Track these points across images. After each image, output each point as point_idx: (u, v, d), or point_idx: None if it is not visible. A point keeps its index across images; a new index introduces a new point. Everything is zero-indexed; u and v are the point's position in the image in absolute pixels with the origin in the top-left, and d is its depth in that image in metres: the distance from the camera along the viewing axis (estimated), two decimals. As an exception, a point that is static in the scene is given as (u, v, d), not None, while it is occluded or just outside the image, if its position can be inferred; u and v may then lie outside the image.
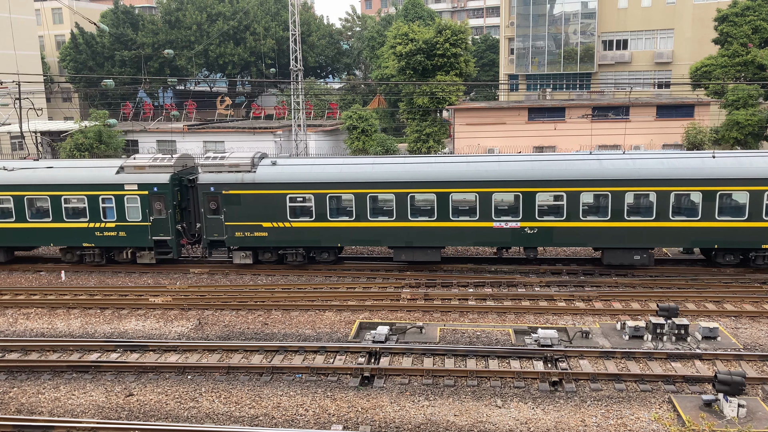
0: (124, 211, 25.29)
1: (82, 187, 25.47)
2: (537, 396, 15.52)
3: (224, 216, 24.75)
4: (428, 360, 17.28)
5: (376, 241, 24.73)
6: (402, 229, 24.11)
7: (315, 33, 77.00)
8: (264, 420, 14.82)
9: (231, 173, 24.81)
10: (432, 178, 23.82)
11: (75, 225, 25.65)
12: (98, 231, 25.57)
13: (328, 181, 24.30)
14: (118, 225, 25.41)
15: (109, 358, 17.96)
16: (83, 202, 25.48)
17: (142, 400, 15.82)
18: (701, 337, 18.31)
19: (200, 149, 49.05)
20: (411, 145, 49.61)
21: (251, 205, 24.59)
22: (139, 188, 25.10)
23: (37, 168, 26.26)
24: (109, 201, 25.34)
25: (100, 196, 25.33)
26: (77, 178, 25.67)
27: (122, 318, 21.47)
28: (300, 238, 24.75)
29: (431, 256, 24.48)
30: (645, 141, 44.02)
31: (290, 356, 17.86)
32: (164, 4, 73.89)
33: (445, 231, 23.91)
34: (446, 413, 14.86)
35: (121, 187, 25.23)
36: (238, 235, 24.89)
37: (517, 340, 18.76)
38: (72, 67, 73.68)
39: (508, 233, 23.72)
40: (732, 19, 46.95)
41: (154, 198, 25.12)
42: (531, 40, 62.84)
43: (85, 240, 25.79)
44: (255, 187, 24.56)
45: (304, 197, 24.41)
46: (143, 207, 25.14)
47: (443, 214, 23.77)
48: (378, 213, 24.38)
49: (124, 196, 25.23)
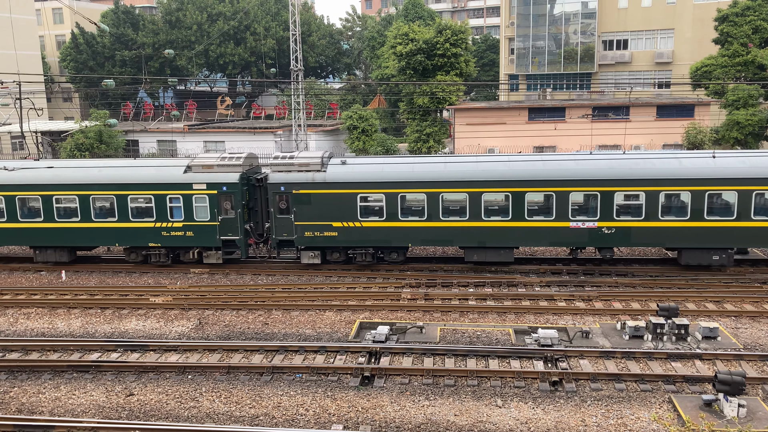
0: (192, 210, 25.01)
1: (149, 186, 25.17)
2: (537, 396, 15.53)
3: (294, 216, 24.54)
4: (428, 360, 17.29)
5: (447, 241, 24.43)
6: (475, 229, 23.81)
7: (315, 33, 77.02)
8: (264, 420, 14.83)
9: (301, 173, 24.56)
10: (507, 177, 23.52)
11: (141, 225, 25.38)
12: (165, 231, 25.31)
13: (399, 180, 24.02)
14: (185, 225, 25.14)
15: (110, 358, 17.97)
16: (150, 201, 25.19)
17: (143, 400, 15.84)
18: (701, 337, 18.31)
19: (200, 149, 49.08)
20: (411, 145, 49.62)
21: (321, 205, 24.38)
22: (208, 188, 24.82)
23: (103, 167, 26.06)
24: (177, 200, 25.05)
25: (168, 195, 25.04)
26: (144, 177, 25.35)
27: (123, 318, 21.49)
28: (370, 237, 24.50)
29: (504, 256, 24.18)
30: (645, 141, 44.03)
31: (290, 356, 17.87)
32: (164, 4, 73.90)
33: (520, 231, 23.66)
34: (446, 413, 14.87)
35: (190, 186, 24.96)
36: (308, 235, 24.68)
37: (518, 340, 18.77)
38: (72, 67, 73.70)
39: (585, 233, 23.48)
40: (732, 19, 46.94)
41: (223, 197, 24.84)
42: (531, 40, 62.84)
43: (151, 240, 25.50)
44: (325, 186, 24.32)
45: (375, 197, 24.17)
46: (212, 206, 24.85)
47: (518, 213, 23.50)
48: (450, 213, 24.09)
49: (193, 196, 24.93)
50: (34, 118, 43.69)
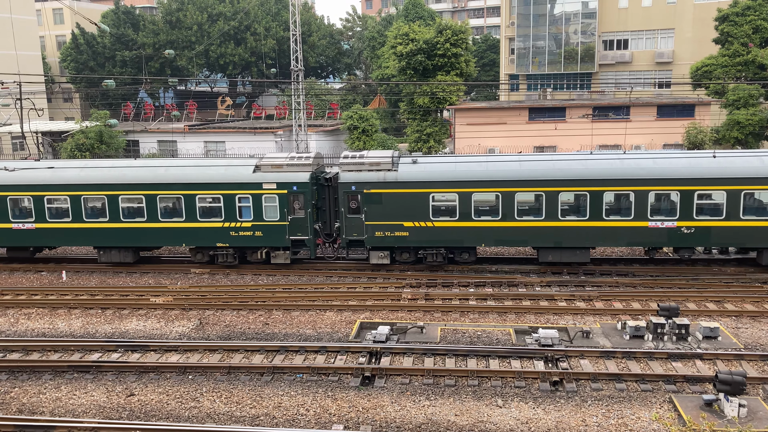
0: (262, 210, 24.78)
1: (218, 186, 24.92)
2: (538, 396, 15.53)
3: (365, 215, 24.28)
4: (429, 360, 17.29)
5: (522, 241, 24.30)
6: (551, 229, 23.60)
7: (316, 33, 77.04)
8: (265, 420, 14.84)
9: (372, 172, 24.33)
10: (584, 176, 23.29)
11: (209, 225, 25.15)
12: (233, 231, 25.04)
13: (473, 179, 23.77)
14: (254, 224, 24.88)
15: (110, 358, 17.98)
16: (218, 201, 24.95)
17: (143, 400, 15.84)
18: (702, 336, 18.31)
19: (201, 149, 49.10)
20: (411, 146, 49.64)
21: (393, 204, 24.14)
22: (278, 187, 24.59)
23: (169, 167, 25.86)
24: (246, 200, 24.78)
25: (237, 195, 24.79)
26: (213, 176, 25.10)
27: (123, 318, 21.49)
28: (442, 238, 24.25)
29: (580, 256, 23.98)
30: (646, 141, 44.03)
31: (291, 356, 17.87)
32: (165, 5, 73.93)
33: (597, 231, 23.47)
34: (447, 413, 14.87)
35: (259, 186, 24.70)
36: (378, 235, 24.43)
37: (518, 340, 18.77)
38: (73, 68, 73.75)
39: (664, 233, 23.27)
40: (732, 18, 46.94)
41: (293, 197, 24.64)
42: (531, 40, 62.83)
43: (219, 240, 25.26)
44: (397, 185, 24.10)
45: (449, 196, 23.95)
46: (281, 206, 24.62)
47: (595, 213, 23.33)
48: (524, 212, 23.84)
49: (262, 195, 24.69)
50: (35, 118, 43.69)
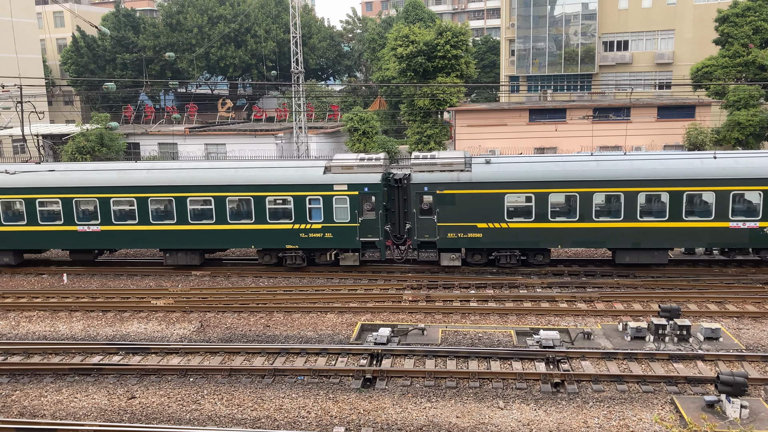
0: (332, 211, 24.50)
1: (288, 187, 24.66)
2: (539, 397, 15.51)
3: (437, 216, 23.95)
4: (430, 362, 17.28)
5: (599, 242, 24.05)
6: (629, 230, 23.29)
7: (316, 35, 77.11)
8: (266, 422, 14.83)
9: (445, 172, 24.02)
10: (665, 176, 23.01)
11: (279, 227, 24.89)
12: (303, 232, 24.76)
13: (549, 179, 23.47)
14: (324, 226, 24.60)
15: (111, 361, 17.97)
16: (288, 202, 24.75)
17: (145, 403, 15.84)
18: (703, 337, 18.29)
19: (202, 152, 49.14)
20: (412, 147, 49.65)
21: (466, 205, 23.80)
22: (349, 188, 24.31)
23: (238, 168, 25.67)
24: (316, 201, 24.53)
25: (307, 196, 24.53)
26: (283, 178, 24.84)
27: (124, 321, 21.50)
28: (517, 239, 23.97)
29: (658, 258, 23.71)
30: (646, 142, 44.03)
31: (292, 358, 17.86)
32: (165, 7, 74.04)
33: (677, 232, 23.19)
34: (448, 415, 14.85)
35: (330, 187, 24.43)
36: (451, 236, 24.09)
37: (519, 342, 18.75)
38: (73, 71, 73.82)
39: (745, 233, 23.00)
40: (733, 19, 46.95)
41: (364, 198, 24.38)
42: (532, 41, 62.87)
43: (288, 242, 24.97)
44: (471, 186, 23.76)
45: (524, 197, 23.63)
46: (352, 207, 24.33)
47: (675, 213, 23.06)
48: (602, 213, 23.53)
49: (333, 197, 24.41)
50: (36, 121, 43.76)
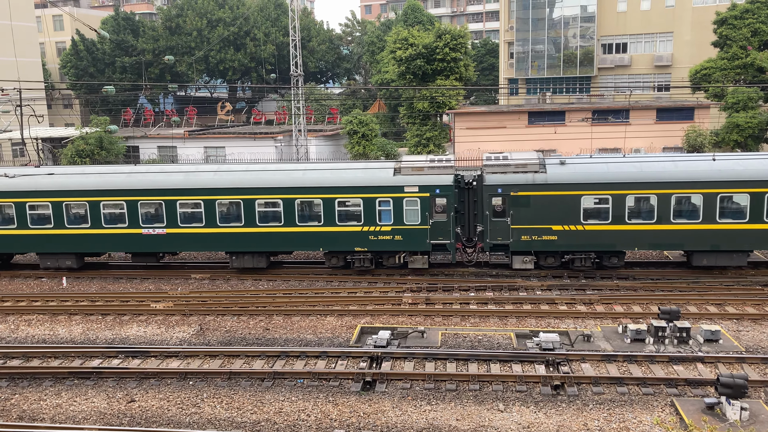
0: (402, 213, 24.15)
1: (358, 189, 24.34)
2: (539, 400, 15.50)
3: (510, 218, 23.61)
4: (430, 364, 17.27)
5: (676, 244, 23.79)
6: (708, 232, 23.04)
7: (315, 38, 77.21)
8: (266, 425, 14.81)
9: (518, 174, 23.62)
10: (747, 177, 22.57)
11: (348, 229, 24.54)
12: (372, 235, 24.41)
13: (627, 181, 23.11)
14: (394, 228, 24.24)
15: (111, 364, 17.95)
16: (358, 205, 24.40)
17: (144, 406, 15.82)
18: (703, 339, 18.28)
19: (201, 155, 49.13)
20: (411, 150, 49.69)
21: (541, 207, 23.40)
22: (420, 190, 23.95)
23: (307, 170, 25.45)
24: (386, 204, 24.18)
25: (377, 198, 24.20)
26: (353, 180, 24.55)
27: (124, 324, 21.47)
28: (593, 241, 23.59)
29: (737, 260, 23.54)
30: (645, 144, 44.05)
31: (292, 361, 17.84)
32: (164, 11, 74.13)
33: (758, 234, 22.97)
34: (448, 418, 14.84)
35: (401, 189, 24.11)
36: (524, 239, 23.68)
37: (519, 344, 18.74)
38: (73, 74, 73.88)
39: None
40: (731, 21, 47.00)
41: (434, 200, 24.08)
42: (530, 44, 62.95)
43: (357, 244, 24.62)
44: (546, 188, 23.36)
45: (601, 198, 23.30)
46: (423, 210, 23.99)
47: (756, 215, 22.84)
48: (680, 215, 23.25)
49: (403, 199, 24.10)
50: (35, 124, 43.79)
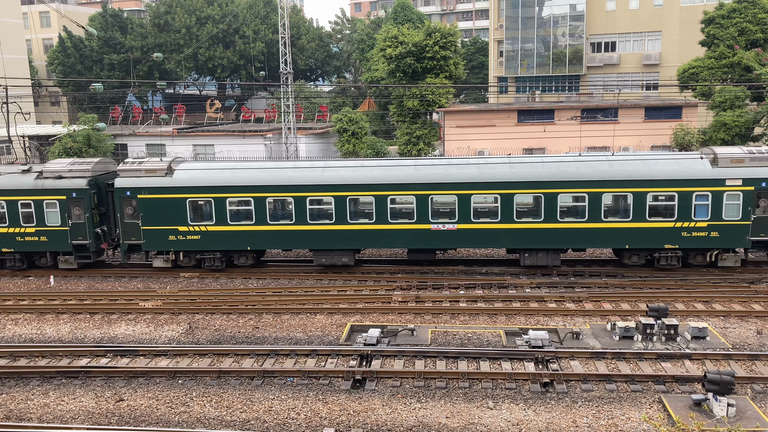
0: (721, 209, 22.91)
1: (671, 183, 23.04)
2: (528, 397, 15.56)
3: None
4: (420, 362, 17.29)
5: None
6: None
7: (305, 36, 76.99)
8: (255, 424, 14.77)
9: None
10: None
11: (657, 225, 23.25)
12: (685, 231, 23.26)
13: None
14: (710, 224, 22.96)
15: (99, 363, 17.85)
16: (672, 199, 23.08)
17: (133, 405, 15.74)
18: (690, 337, 18.42)
19: (189, 153, 48.90)
20: (401, 148, 49.69)
21: None
22: (744, 183, 22.69)
23: (630, 159, 23.91)
24: (703, 198, 22.97)
25: (694, 192, 22.97)
26: (666, 173, 23.27)
27: (112, 323, 21.35)
28: None
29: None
30: (634, 142, 44.28)
31: (281, 360, 17.81)
32: (153, 8, 73.68)
33: None
34: (438, 415, 14.87)
35: (721, 182, 22.86)
36: None
37: (508, 342, 18.80)
38: (60, 71, 73.31)
39: None
40: (718, 21, 47.30)
41: (760, 195, 22.59)
42: (520, 42, 63.08)
43: (668, 241, 23.44)
44: None
45: None
46: (745, 205, 22.60)
47: None
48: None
49: (724, 193, 22.85)
50: (22, 122, 43.39)
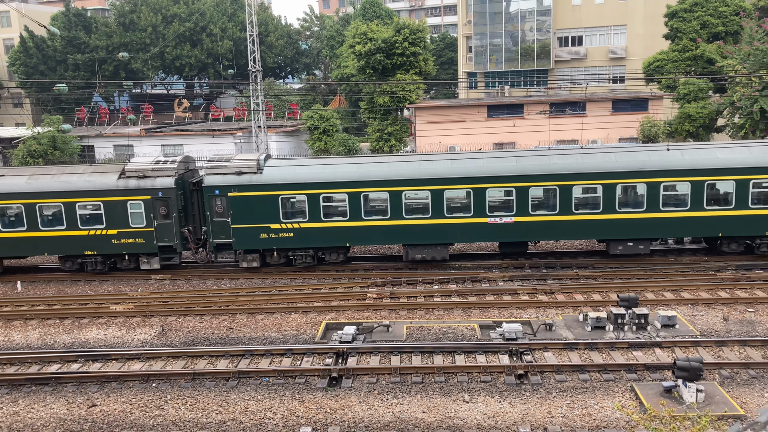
0: None
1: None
2: (503, 389, 15.71)
3: None
4: (396, 358, 17.34)
5: None
6: None
7: (273, 33, 76.37)
8: (232, 425, 14.67)
9: None
10: None
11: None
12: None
13: None
14: None
15: (70, 369, 17.54)
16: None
17: (106, 411, 15.50)
18: (660, 325, 18.78)
19: (158, 153, 48.27)
20: (373, 144, 49.68)
21: None
22: None
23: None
24: None
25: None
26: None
27: (83, 327, 20.99)
28: None
29: None
30: (602, 135, 44.89)
31: (257, 360, 17.70)
32: (117, 6, 72.39)
33: None
34: (415, 410, 14.93)
35: None
36: None
37: (483, 335, 18.96)
38: (22, 72, 71.59)
39: None
40: (681, 15, 48.24)
41: None
42: (488, 37, 63.47)
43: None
44: None
45: None
46: None
47: None
48: None
49: None
50: (-17, 124, 42.32)
